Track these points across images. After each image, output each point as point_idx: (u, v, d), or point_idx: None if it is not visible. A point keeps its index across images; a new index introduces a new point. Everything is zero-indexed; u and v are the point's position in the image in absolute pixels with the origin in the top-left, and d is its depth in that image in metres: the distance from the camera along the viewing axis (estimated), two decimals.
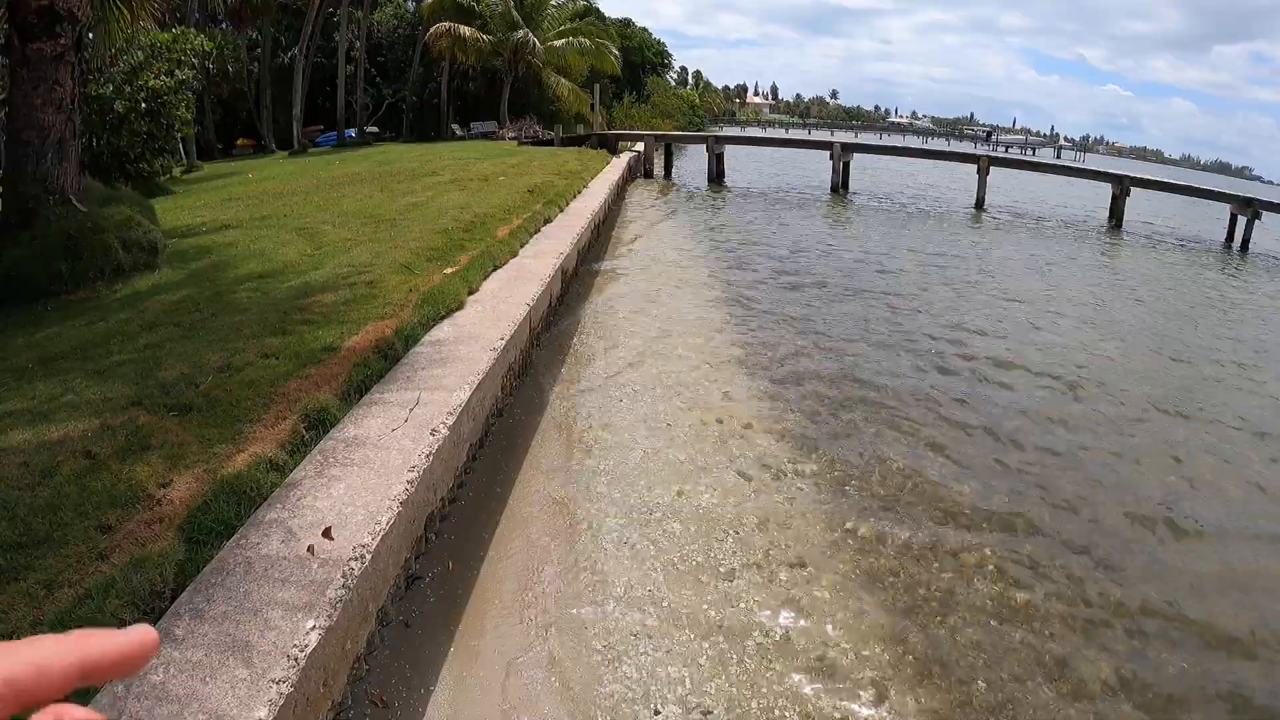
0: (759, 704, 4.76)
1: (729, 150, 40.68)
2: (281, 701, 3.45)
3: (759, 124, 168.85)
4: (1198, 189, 34.28)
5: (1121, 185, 31.59)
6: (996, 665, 5.26)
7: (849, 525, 6.89)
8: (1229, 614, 6.15)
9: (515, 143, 39.36)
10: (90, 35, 14.52)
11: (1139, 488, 8.23)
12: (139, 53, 19.79)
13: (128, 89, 19.42)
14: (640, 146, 39.76)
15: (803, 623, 5.54)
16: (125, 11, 14.26)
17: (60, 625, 3.71)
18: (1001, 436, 9.10)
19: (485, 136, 44.21)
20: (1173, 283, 21.00)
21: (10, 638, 3.33)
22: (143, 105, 19.66)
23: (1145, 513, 7.65)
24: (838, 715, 4.73)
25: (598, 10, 57.06)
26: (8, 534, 4.44)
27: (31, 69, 10.36)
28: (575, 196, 20.92)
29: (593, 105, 46.10)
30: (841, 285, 16.41)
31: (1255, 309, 18.37)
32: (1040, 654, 5.42)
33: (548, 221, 16.42)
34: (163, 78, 20.32)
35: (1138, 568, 6.69)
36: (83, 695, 3.43)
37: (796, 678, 5.00)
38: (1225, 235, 29.42)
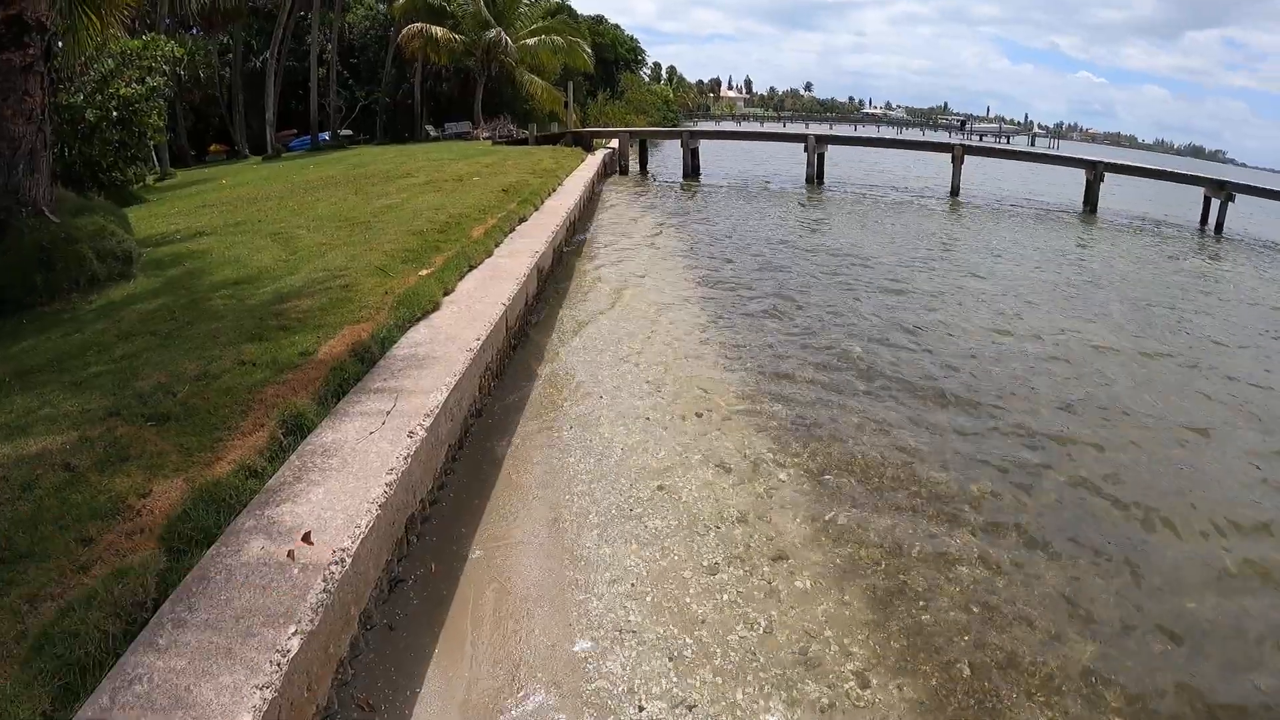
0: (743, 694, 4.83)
1: (704, 145, 40.78)
2: (265, 707, 3.48)
3: (733, 118, 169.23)
4: (1171, 173, 34.57)
5: (1095, 170, 31.79)
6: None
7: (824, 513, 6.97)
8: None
9: (490, 142, 39.34)
10: (59, 44, 14.42)
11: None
12: (109, 61, 19.60)
13: (98, 98, 19.24)
14: (615, 143, 39.78)
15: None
16: (94, 19, 14.16)
17: (45, 639, 3.73)
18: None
19: (460, 137, 44.02)
20: (1147, 265, 21.18)
21: None
22: (114, 114, 19.47)
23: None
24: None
25: (570, 8, 57.00)
26: None
27: (0, 80, 10.29)
28: (550, 195, 20.97)
29: (566, 103, 46.10)
30: (824, 284, 16.47)
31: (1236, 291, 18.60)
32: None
33: (523, 220, 16.46)
34: (134, 85, 20.12)
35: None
36: (65, 709, 3.46)
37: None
38: (1200, 218, 29.66)
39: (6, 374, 7.36)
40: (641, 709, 4.67)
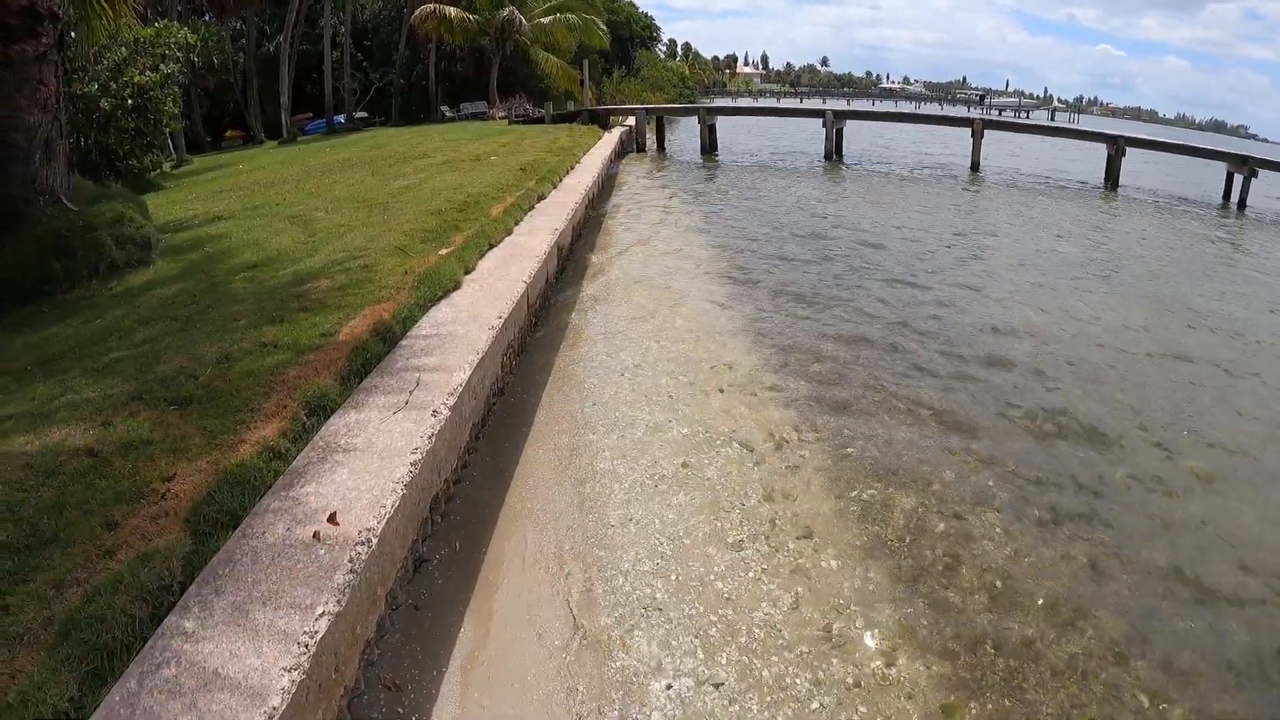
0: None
1: (721, 121, 40.51)
2: (294, 689, 3.46)
3: (750, 94, 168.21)
4: (1194, 148, 34.00)
5: (1116, 145, 31.33)
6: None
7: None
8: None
9: (506, 122, 39.22)
10: (72, 34, 14.43)
11: None
12: (122, 49, 19.63)
13: (113, 86, 19.27)
14: (631, 121, 39.60)
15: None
16: (107, 8, 14.17)
17: (71, 625, 3.72)
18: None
19: (475, 117, 43.95)
20: (1172, 241, 20.94)
21: (21, 640, 3.32)
22: (129, 102, 19.51)
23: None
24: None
25: None
26: (14, 536, 4.43)
27: (14, 70, 10.29)
28: (568, 172, 20.89)
29: (582, 81, 45.86)
30: (862, 270, 16.32)
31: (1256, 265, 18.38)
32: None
33: (541, 198, 16.39)
34: (148, 73, 20.16)
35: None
36: (93, 694, 3.44)
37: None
38: (1222, 194, 29.21)
39: (29, 361, 7.38)
40: (669, 687, 4.63)
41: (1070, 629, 5.29)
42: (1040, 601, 5.54)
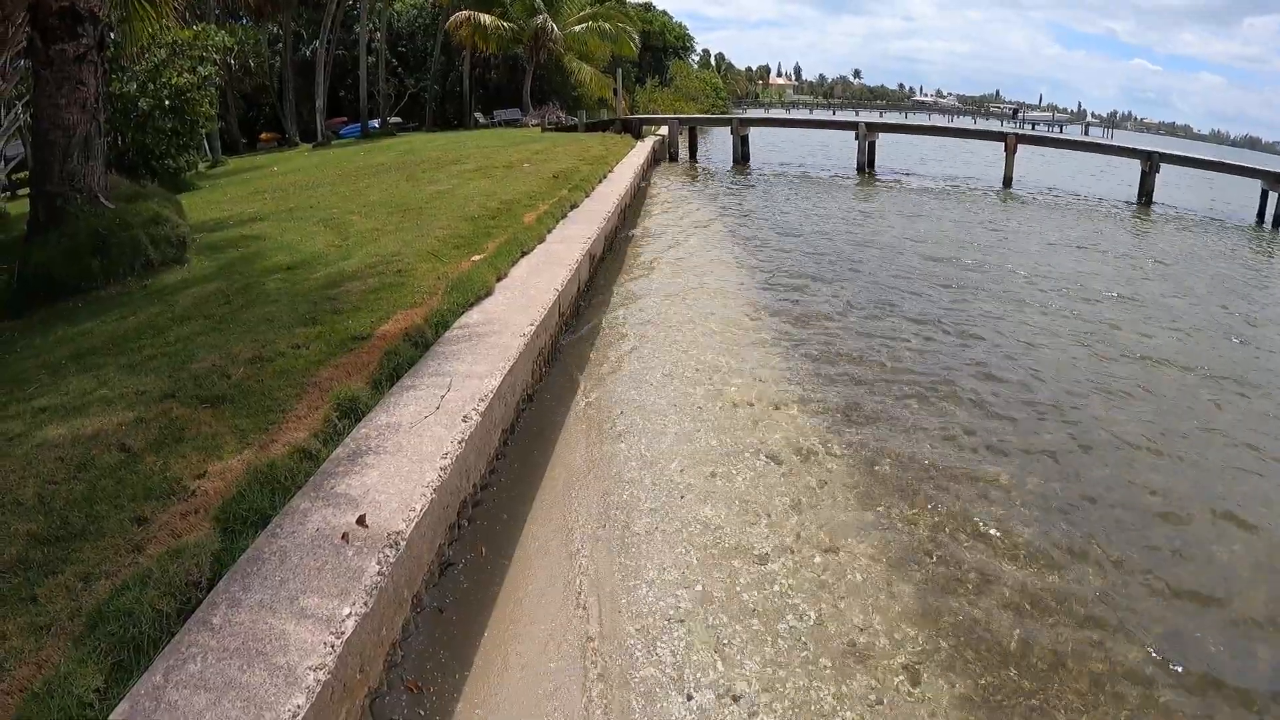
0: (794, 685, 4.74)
1: (753, 132, 40.40)
2: (319, 689, 3.46)
3: (782, 105, 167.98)
4: (1229, 165, 33.47)
5: (1151, 161, 30.97)
6: None
7: None
8: None
9: (539, 129, 39.27)
10: (113, 35, 14.61)
11: None
12: (161, 50, 19.88)
13: (151, 87, 19.53)
14: (664, 130, 39.58)
15: None
16: (149, 10, 14.33)
17: (99, 617, 3.73)
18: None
19: (509, 124, 44.11)
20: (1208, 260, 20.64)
21: (49, 631, 3.34)
22: (166, 102, 19.77)
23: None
24: None
25: None
26: (45, 528, 4.48)
27: (54, 70, 10.44)
28: (600, 181, 20.89)
29: (615, 90, 45.89)
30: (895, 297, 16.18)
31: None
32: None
33: (574, 207, 16.42)
34: (185, 75, 20.42)
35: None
36: (119, 686, 3.45)
37: None
38: (1257, 212, 28.74)
39: (64, 356, 7.46)
40: (690, 698, 4.60)
41: None
42: None
